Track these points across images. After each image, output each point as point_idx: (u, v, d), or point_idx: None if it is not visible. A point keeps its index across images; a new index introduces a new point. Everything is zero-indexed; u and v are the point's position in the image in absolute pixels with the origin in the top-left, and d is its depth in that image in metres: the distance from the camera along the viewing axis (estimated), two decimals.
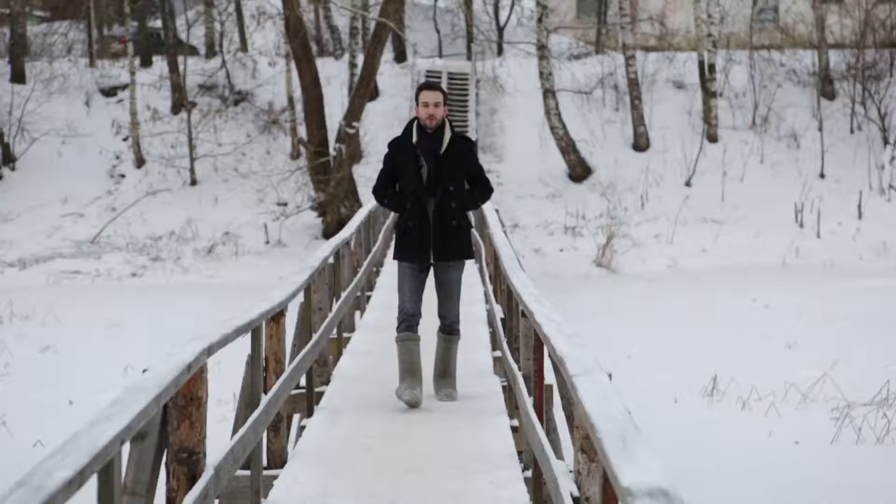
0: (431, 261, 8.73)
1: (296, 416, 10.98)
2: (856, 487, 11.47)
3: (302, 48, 29.51)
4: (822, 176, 33.16)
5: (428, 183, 8.66)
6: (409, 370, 8.82)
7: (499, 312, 10.62)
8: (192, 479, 5.12)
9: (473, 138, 32.45)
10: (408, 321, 8.83)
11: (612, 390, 4.21)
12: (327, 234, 29.25)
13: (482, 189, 8.94)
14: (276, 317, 7.69)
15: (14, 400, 15.66)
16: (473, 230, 16.43)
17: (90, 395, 15.37)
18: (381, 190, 8.90)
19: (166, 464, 5.08)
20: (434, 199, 8.67)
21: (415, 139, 8.67)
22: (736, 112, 35.36)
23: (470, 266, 16.88)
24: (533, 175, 33.30)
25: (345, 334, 12.88)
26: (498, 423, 8.41)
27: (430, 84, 8.84)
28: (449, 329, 9.06)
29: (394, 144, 8.82)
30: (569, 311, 20.41)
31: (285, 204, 32.17)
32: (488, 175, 9.53)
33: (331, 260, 11.49)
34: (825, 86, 35.44)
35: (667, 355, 18.20)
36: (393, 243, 9.17)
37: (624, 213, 31.75)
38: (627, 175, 33.20)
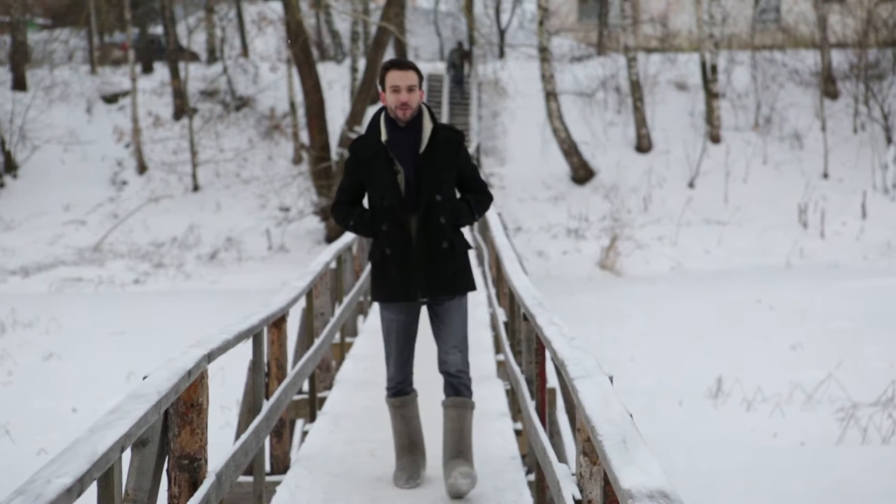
0: (420, 298, 6.54)
1: (299, 422, 10.98)
2: (861, 488, 11.45)
3: (303, 53, 29.51)
4: (825, 176, 33.12)
5: (407, 194, 6.46)
6: (407, 445, 6.92)
7: (501, 316, 10.60)
8: (194, 486, 5.11)
9: (475, 142, 32.39)
10: (398, 388, 6.87)
11: (612, 393, 4.19)
12: (330, 238, 29.26)
13: (479, 196, 6.70)
14: (278, 322, 7.68)
15: (17, 408, 15.66)
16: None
17: (94, 403, 15.38)
18: (343, 208, 6.64)
19: (167, 470, 5.07)
20: (416, 215, 6.49)
21: (384, 137, 6.46)
22: (738, 113, 35.34)
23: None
24: (535, 178, 33.28)
25: (347, 339, 12.87)
26: (501, 426, 8.40)
27: (398, 62, 6.49)
28: (455, 388, 6.68)
29: (357, 147, 6.60)
30: (573, 313, 20.46)
31: (287, 209, 32.17)
32: (489, 178, 7.13)
33: (333, 264, 11.48)
34: (828, 86, 35.41)
35: (671, 357, 18.18)
36: (369, 280, 6.93)
37: (627, 215, 31.73)
38: (630, 177, 33.18)
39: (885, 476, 11.94)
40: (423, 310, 6.98)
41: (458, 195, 6.72)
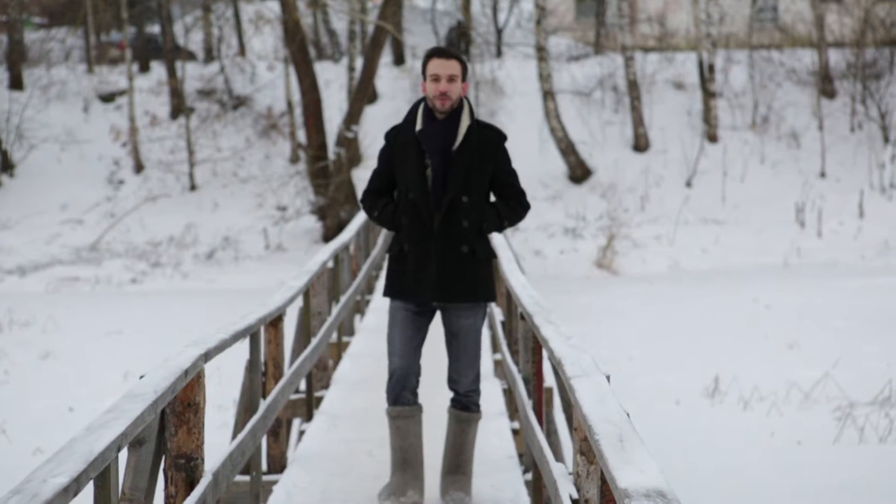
0: (432, 301, 6.21)
1: (295, 421, 10.98)
2: (858, 487, 11.44)
3: (300, 52, 29.50)
4: (822, 175, 33.13)
5: (433, 189, 6.12)
6: (403, 461, 6.39)
7: (499, 315, 10.60)
8: (191, 485, 5.10)
9: None
10: (398, 387, 6.33)
11: (609, 392, 4.19)
12: (327, 238, 29.24)
13: (514, 204, 6.37)
14: (275, 321, 7.67)
15: (14, 407, 15.64)
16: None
17: (90, 402, 15.37)
18: (371, 197, 6.32)
19: (164, 470, 5.07)
20: (439, 214, 6.14)
21: (418, 127, 6.13)
22: (736, 112, 35.34)
23: None
24: (533, 177, 33.26)
25: (344, 338, 12.87)
26: (498, 425, 8.40)
27: (442, 50, 6.13)
28: (463, 403, 6.46)
29: (391, 135, 6.27)
30: (570, 313, 20.46)
31: (285, 208, 32.16)
32: None
33: (330, 264, 11.48)
34: (825, 85, 35.41)
35: (668, 356, 18.18)
36: (384, 274, 6.58)
37: (624, 215, 31.73)
38: (627, 176, 33.18)
39: (882, 475, 11.94)
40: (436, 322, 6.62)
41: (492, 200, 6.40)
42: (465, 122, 6.14)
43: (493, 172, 6.23)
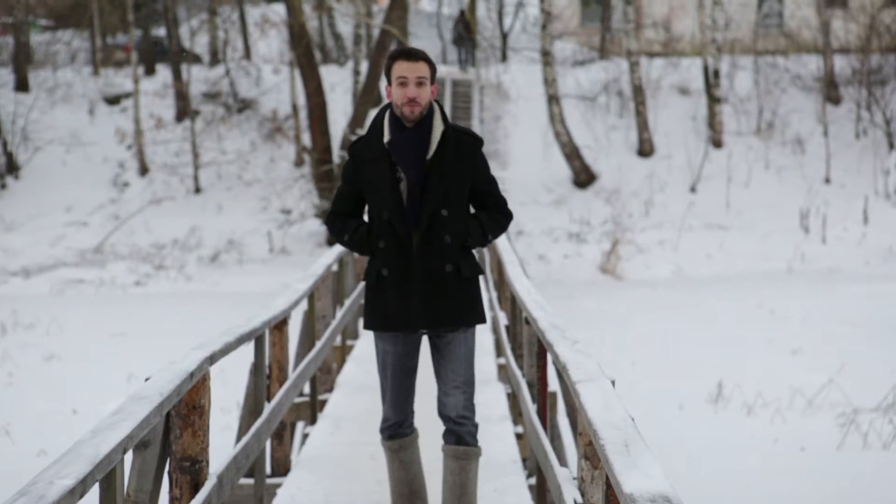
0: (418, 329, 5.57)
1: (299, 424, 11.00)
2: (862, 494, 11.44)
3: (306, 55, 29.54)
4: (827, 181, 33.10)
5: (409, 206, 5.48)
6: (407, 494, 5.91)
7: (503, 319, 10.60)
8: (195, 488, 5.11)
9: None
10: (395, 427, 5.82)
11: (614, 397, 4.19)
12: (332, 241, 29.26)
13: (496, 214, 5.67)
14: (279, 325, 7.68)
15: (18, 409, 15.66)
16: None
17: (94, 405, 15.39)
18: (339, 220, 5.70)
19: (169, 472, 5.08)
20: (418, 232, 5.50)
21: (386, 138, 5.49)
22: (741, 117, 35.33)
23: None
24: (537, 181, 33.28)
25: (348, 342, 12.88)
26: (502, 429, 8.40)
27: (407, 51, 5.48)
28: (456, 435, 5.74)
29: (357, 148, 5.62)
30: (574, 317, 20.46)
31: (289, 211, 32.18)
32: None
33: (334, 267, 11.48)
34: (830, 91, 35.40)
35: (672, 362, 18.17)
36: (363, 304, 5.97)
37: (628, 220, 31.72)
38: (632, 181, 33.17)
39: (886, 482, 11.93)
40: (424, 340, 6.08)
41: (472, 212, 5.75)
42: (438, 129, 5.49)
43: (472, 181, 5.58)
